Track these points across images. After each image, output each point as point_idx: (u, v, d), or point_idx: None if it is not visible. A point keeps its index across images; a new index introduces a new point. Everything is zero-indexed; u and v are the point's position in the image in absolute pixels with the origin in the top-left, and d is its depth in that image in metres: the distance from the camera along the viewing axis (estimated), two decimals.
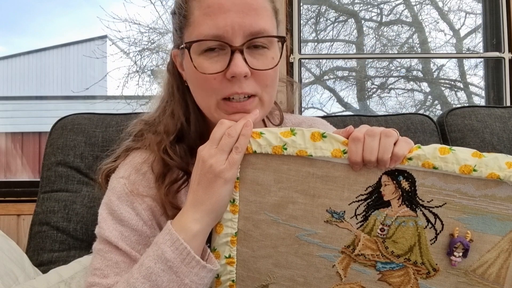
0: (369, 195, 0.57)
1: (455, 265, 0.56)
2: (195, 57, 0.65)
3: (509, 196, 0.54)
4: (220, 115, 0.66)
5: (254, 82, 0.65)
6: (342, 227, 0.58)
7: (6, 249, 1.01)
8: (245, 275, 0.62)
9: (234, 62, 0.63)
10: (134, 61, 2.62)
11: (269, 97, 0.68)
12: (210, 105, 0.67)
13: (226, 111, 0.66)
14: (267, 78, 0.66)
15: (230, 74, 0.63)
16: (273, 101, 0.72)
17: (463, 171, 0.54)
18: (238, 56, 0.63)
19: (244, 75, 0.63)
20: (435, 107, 2.56)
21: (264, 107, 0.68)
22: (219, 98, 0.65)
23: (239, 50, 0.63)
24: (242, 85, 0.64)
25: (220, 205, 0.59)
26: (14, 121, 2.70)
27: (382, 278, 0.58)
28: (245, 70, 0.63)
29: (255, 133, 0.58)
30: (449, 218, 0.55)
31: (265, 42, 0.65)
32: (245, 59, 0.63)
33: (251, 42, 0.64)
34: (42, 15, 3.35)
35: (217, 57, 0.64)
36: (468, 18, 2.36)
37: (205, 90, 0.66)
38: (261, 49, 0.65)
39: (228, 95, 0.65)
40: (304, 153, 0.56)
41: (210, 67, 0.64)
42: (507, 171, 0.53)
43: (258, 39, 0.64)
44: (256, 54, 0.65)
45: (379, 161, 0.54)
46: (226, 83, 0.64)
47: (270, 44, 0.66)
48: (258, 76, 0.65)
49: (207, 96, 0.66)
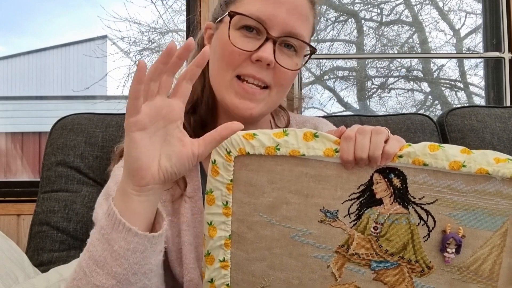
0: (361, 193, 0.57)
1: (448, 261, 0.56)
2: (232, 30, 0.69)
3: (498, 191, 0.55)
4: (229, 95, 0.70)
5: (273, 75, 0.69)
6: (336, 227, 0.58)
7: (6, 249, 1.01)
8: (240, 279, 0.61)
9: (264, 48, 0.67)
10: (134, 61, 2.62)
11: (277, 97, 0.72)
12: (224, 80, 0.70)
13: (236, 92, 0.69)
14: (285, 78, 0.70)
15: (256, 57, 0.67)
16: (279, 102, 0.76)
17: (452, 167, 0.54)
18: (270, 44, 0.67)
19: (267, 63, 0.67)
20: (435, 107, 2.56)
21: (270, 103, 0.72)
22: (234, 75, 0.69)
23: (273, 40, 0.68)
24: (260, 71, 0.68)
25: (128, 161, 0.52)
26: (14, 121, 2.70)
27: (377, 278, 0.58)
28: (270, 58, 0.67)
29: (248, 134, 0.58)
30: (441, 214, 0.56)
31: (297, 46, 0.70)
32: (275, 50, 0.68)
33: (286, 39, 0.69)
34: (42, 15, 3.35)
35: (252, 39, 0.69)
36: (468, 18, 2.36)
37: (225, 63, 0.70)
38: (291, 51, 0.71)
39: (245, 75, 0.68)
40: (297, 153, 0.57)
41: (241, 43, 0.68)
42: (495, 166, 0.54)
43: (293, 39, 0.69)
44: (285, 53, 0.70)
45: (370, 158, 0.55)
46: (248, 63, 0.68)
47: (300, 51, 0.72)
48: (278, 71, 0.69)
49: (225, 70, 0.70)
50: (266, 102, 0.71)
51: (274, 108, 0.76)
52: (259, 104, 0.70)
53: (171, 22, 2.67)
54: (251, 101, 0.69)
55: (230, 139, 0.58)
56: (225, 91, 0.70)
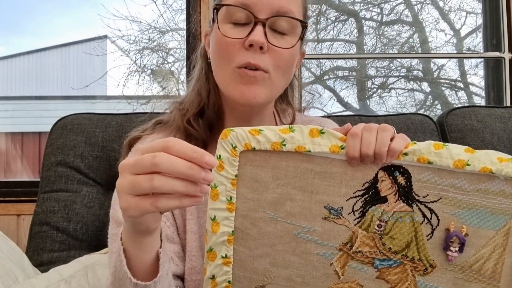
0: (366, 190, 0.57)
1: (451, 260, 0.56)
2: (222, 23, 0.70)
3: (501, 190, 0.55)
4: (233, 85, 0.70)
5: (268, 58, 0.69)
6: (340, 224, 0.58)
7: (6, 249, 1.01)
8: (242, 276, 0.61)
9: (254, 32, 0.67)
10: (133, 60, 2.62)
11: (278, 80, 0.72)
12: (226, 75, 0.71)
13: (241, 78, 0.69)
14: (281, 59, 0.70)
15: (248, 42, 0.67)
16: (281, 88, 0.75)
17: (457, 165, 0.54)
18: (259, 27, 0.68)
19: (260, 46, 0.67)
20: (435, 107, 2.56)
21: (272, 88, 0.71)
22: (234, 67, 0.69)
23: (262, 23, 0.68)
24: (256, 57, 0.68)
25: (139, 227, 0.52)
26: (14, 121, 2.70)
27: (380, 276, 0.58)
28: (262, 39, 0.67)
29: (254, 130, 0.58)
30: (445, 213, 0.56)
31: (288, 28, 0.70)
32: (265, 33, 0.68)
33: (275, 21, 0.69)
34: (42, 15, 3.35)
35: (242, 27, 0.69)
36: (469, 18, 2.36)
37: (223, 57, 0.71)
38: (284, 32, 0.70)
39: (242, 64, 0.68)
40: (302, 149, 0.56)
41: (232, 33, 0.69)
42: (499, 165, 0.54)
43: (283, 19, 0.69)
44: (277, 35, 0.70)
45: (376, 155, 0.55)
46: (243, 51, 0.68)
47: (292, 31, 0.71)
48: (273, 53, 0.69)
49: (224, 64, 0.71)
50: (269, 86, 0.71)
51: (278, 94, 0.75)
52: (262, 89, 0.70)
53: (171, 21, 2.67)
54: (253, 84, 0.69)
55: (236, 134, 0.57)
56: (229, 83, 0.71)
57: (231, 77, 0.70)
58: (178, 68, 2.75)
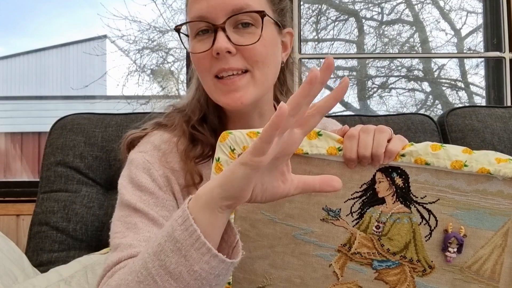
0: (364, 192, 0.57)
1: (450, 261, 0.56)
2: (191, 40, 0.71)
3: (499, 191, 0.55)
4: (219, 96, 0.70)
5: (242, 58, 0.68)
6: (338, 225, 0.58)
7: (6, 249, 1.01)
8: (241, 277, 0.61)
9: (217, 40, 0.66)
10: (133, 60, 2.62)
11: (262, 75, 0.70)
12: (209, 86, 0.71)
13: (221, 91, 0.69)
14: (255, 54, 0.68)
15: (214, 51, 0.67)
16: (270, 80, 0.74)
17: (454, 166, 0.54)
18: (220, 34, 0.67)
19: (227, 51, 0.66)
20: (435, 107, 2.56)
21: (257, 85, 0.70)
22: (212, 77, 0.69)
23: (221, 28, 0.67)
24: (228, 61, 0.67)
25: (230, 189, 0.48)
26: (14, 121, 2.70)
27: (378, 277, 0.58)
28: (225, 45, 0.66)
29: (252, 132, 0.58)
30: (443, 214, 0.56)
31: (251, 20, 0.68)
32: (228, 36, 0.67)
33: (235, 20, 0.68)
34: (41, 15, 3.35)
35: (206, 39, 0.69)
36: (469, 17, 2.36)
37: (201, 71, 0.71)
38: (249, 27, 0.68)
39: (217, 73, 0.68)
40: (300, 151, 0.56)
41: (199, 47, 0.69)
42: (497, 166, 0.54)
43: (241, 15, 0.67)
44: (244, 33, 0.68)
45: (373, 156, 0.55)
46: (214, 61, 0.68)
47: (257, 21, 0.69)
48: (245, 52, 0.68)
49: (204, 77, 0.71)
50: (253, 85, 0.70)
51: (269, 86, 0.74)
52: (246, 90, 0.69)
53: (171, 21, 2.67)
54: (236, 91, 0.68)
55: (234, 137, 0.57)
56: (214, 95, 0.71)
57: (213, 88, 0.70)
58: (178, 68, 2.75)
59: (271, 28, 0.71)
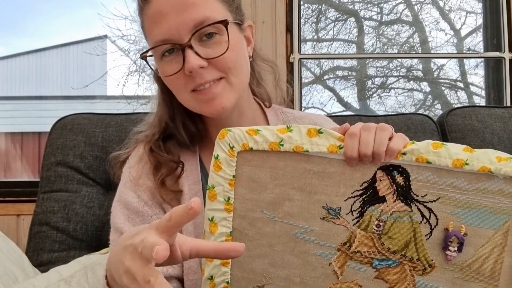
0: (364, 190, 0.57)
1: (450, 260, 0.56)
2: (158, 62, 0.71)
3: (500, 189, 0.55)
4: (199, 105, 0.71)
5: (215, 69, 0.68)
6: (338, 224, 0.58)
7: (6, 249, 1.01)
8: (240, 276, 0.61)
9: (187, 59, 0.66)
10: (133, 60, 2.62)
11: (237, 79, 0.71)
12: (186, 100, 0.71)
13: (201, 101, 0.70)
14: (227, 62, 0.69)
15: (187, 70, 0.67)
16: (245, 81, 0.74)
17: (455, 164, 0.54)
18: (189, 52, 0.66)
19: (200, 67, 0.66)
20: (435, 107, 2.56)
21: (234, 89, 0.71)
22: (189, 92, 0.70)
23: (188, 46, 0.66)
24: (203, 75, 0.68)
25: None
26: (14, 121, 2.70)
27: (378, 276, 0.58)
28: (197, 63, 0.66)
29: (252, 130, 0.58)
30: (443, 212, 0.56)
31: (215, 29, 0.68)
32: (197, 52, 0.66)
33: (199, 34, 0.67)
34: (41, 15, 3.35)
35: (174, 58, 0.68)
36: (469, 17, 2.36)
37: (175, 89, 0.72)
38: (214, 37, 0.68)
39: (194, 88, 0.69)
40: (300, 149, 0.56)
41: (169, 69, 0.69)
42: (498, 165, 0.54)
43: (203, 29, 0.67)
44: (210, 44, 0.68)
45: (374, 154, 0.55)
46: (188, 78, 0.68)
47: (221, 29, 0.68)
48: (217, 63, 0.68)
49: (180, 93, 0.72)
50: (229, 89, 0.70)
51: (245, 87, 0.75)
52: (224, 96, 0.70)
53: None
54: (215, 99, 0.69)
55: (234, 134, 0.57)
56: (195, 107, 0.72)
57: (193, 101, 0.71)
58: None
59: (234, 30, 0.71)
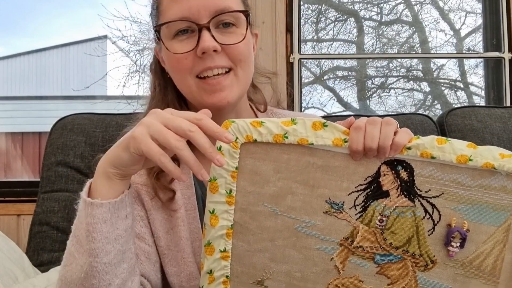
0: (368, 185, 0.57)
1: (452, 256, 0.56)
2: (168, 41, 0.70)
3: (502, 186, 0.55)
4: (201, 96, 0.70)
5: (226, 56, 0.69)
6: (341, 218, 0.57)
7: (6, 249, 1.01)
8: (240, 271, 0.60)
9: (202, 39, 0.67)
10: (134, 60, 2.62)
11: (244, 73, 0.72)
12: (190, 86, 0.71)
13: (205, 91, 0.70)
14: (239, 53, 0.70)
15: (200, 50, 0.67)
16: (249, 79, 0.75)
17: (460, 160, 0.54)
18: (205, 33, 0.67)
19: (213, 49, 0.67)
20: (434, 107, 2.56)
21: (240, 83, 0.71)
22: (194, 77, 0.69)
23: (206, 27, 0.67)
24: (214, 59, 0.68)
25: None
26: (14, 121, 2.70)
27: (380, 271, 0.58)
28: (213, 44, 0.67)
29: (256, 122, 0.57)
30: (446, 208, 0.56)
31: (233, 20, 0.70)
32: (213, 36, 0.67)
33: (218, 20, 0.68)
34: (41, 15, 3.35)
35: (187, 39, 0.69)
36: (469, 18, 2.36)
37: (181, 72, 0.71)
38: (230, 27, 0.70)
39: (202, 71, 0.69)
40: (305, 142, 0.56)
41: (181, 47, 0.69)
42: (501, 161, 0.54)
43: (224, 16, 0.68)
44: (226, 32, 0.70)
45: (379, 148, 0.55)
46: (198, 60, 0.68)
47: (238, 22, 0.70)
48: (229, 50, 0.69)
49: (184, 77, 0.71)
50: (236, 84, 0.71)
51: (248, 86, 0.76)
52: (231, 90, 0.70)
53: None
54: (221, 91, 0.70)
55: (237, 126, 0.57)
56: (196, 96, 0.71)
57: (195, 89, 0.71)
58: None
59: (248, 29, 0.72)
